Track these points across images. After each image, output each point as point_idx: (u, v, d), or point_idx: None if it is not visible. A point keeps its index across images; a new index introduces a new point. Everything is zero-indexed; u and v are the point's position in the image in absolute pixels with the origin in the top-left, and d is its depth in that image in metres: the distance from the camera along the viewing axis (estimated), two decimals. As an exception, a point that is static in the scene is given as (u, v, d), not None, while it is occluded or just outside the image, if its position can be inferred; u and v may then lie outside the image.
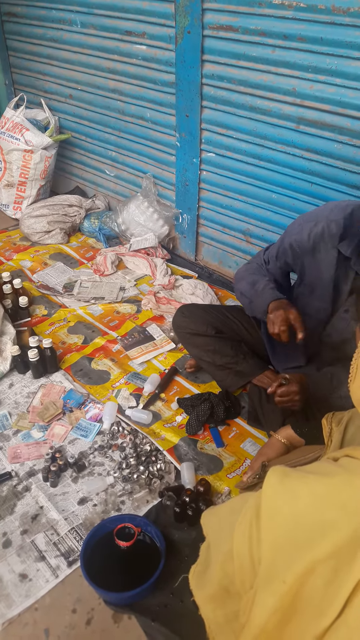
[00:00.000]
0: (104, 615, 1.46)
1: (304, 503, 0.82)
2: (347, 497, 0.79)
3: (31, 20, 3.45)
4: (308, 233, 1.70)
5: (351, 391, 0.97)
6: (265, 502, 0.87)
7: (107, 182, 3.61)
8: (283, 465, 0.93)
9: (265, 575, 0.85)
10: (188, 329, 2.12)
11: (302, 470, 0.89)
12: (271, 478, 0.88)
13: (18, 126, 3.32)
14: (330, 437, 1.39)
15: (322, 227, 1.67)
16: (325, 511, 0.79)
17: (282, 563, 0.82)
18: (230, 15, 2.28)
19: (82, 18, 3.08)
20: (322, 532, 0.78)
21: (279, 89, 2.26)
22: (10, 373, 2.28)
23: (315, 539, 0.78)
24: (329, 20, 1.96)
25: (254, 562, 0.89)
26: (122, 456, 1.89)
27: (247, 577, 0.91)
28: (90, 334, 2.55)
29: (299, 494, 0.83)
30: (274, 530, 0.84)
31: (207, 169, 2.80)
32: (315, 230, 1.68)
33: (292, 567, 0.80)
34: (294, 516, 0.82)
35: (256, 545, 0.88)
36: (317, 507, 0.81)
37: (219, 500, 1.75)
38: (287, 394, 1.71)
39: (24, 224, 3.33)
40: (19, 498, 1.76)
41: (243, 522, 0.93)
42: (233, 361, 2.06)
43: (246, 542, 0.90)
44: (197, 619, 1.09)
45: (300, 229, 1.73)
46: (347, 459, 0.91)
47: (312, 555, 0.78)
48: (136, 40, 2.81)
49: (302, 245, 1.73)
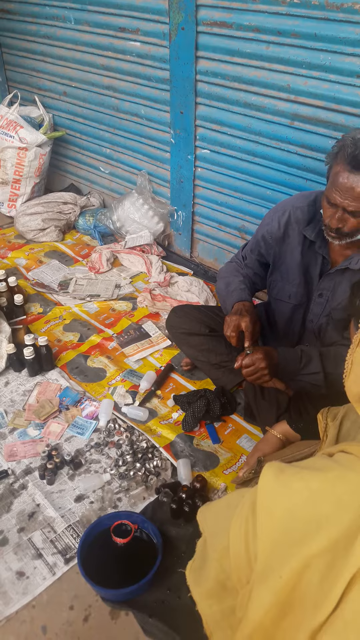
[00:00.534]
0: (102, 611, 1.46)
1: (299, 498, 0.82)
2: (341, 491, 0.79)
3: (25, 16, 3.43)
4: (278, 222, 1.80)
5: (346, 387, 0.97)
6: (261, 498, 0.88)
7: (101, 179, 3.60)
8: (278, 461, 0.93)
9: (262, 571, 0.85)
10: (182, 329, 2.12)
11: (297, 466, 0.89)
12: (267, 474, 0.89)
13: (12, 124, 3.31)
14: (326, 432, 1.39)
15: (289, 213, 1.77)
16: (320, 506, 0.80)
17: (278, 558, 0.82)
18: (224, 12, 2.28)
19: (75, 14, 3.06)
20: (317, 527, 0.78)
21: (273, 85, 2.26)
22: (6, 371, 2.27)
23: (311, 534, 0.79)
24: (323, 16, 1.96)
25: (250, 557, 0.89)
26: (118, 453, 1.89)
27: (244, 573, 0.91)
28: (86, 331, 2.54)
29: (294, 490, 0.84)
30: (270, 526, 0.85)
31: (202, 166, 2.79)
32: (284, 219, 1.78)
33: (289, 562, 0.80)
34: (289, 511, 0.83)
35: (252, 541, 0.89)
36: (312, 502, 0.81)
37: (215, 496, 1.75)
38: (252, 362, 1.65)
39: (19, 221, 3.32)
40: (16, 496, 1.76)
41: (239, 517, 0.93)
42: (228, 359, 2.06)
43: (242, 537, 0.90)
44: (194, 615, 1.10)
45: (271, 220, 1.83)
46: (341, 454, 0.91)
47: (307, 550, 0.78)
48: (130, 37, 2.80)
49: (273, 234, 1.82)
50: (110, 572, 1.49)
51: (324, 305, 1.82)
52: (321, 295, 1.81)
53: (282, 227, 1.79)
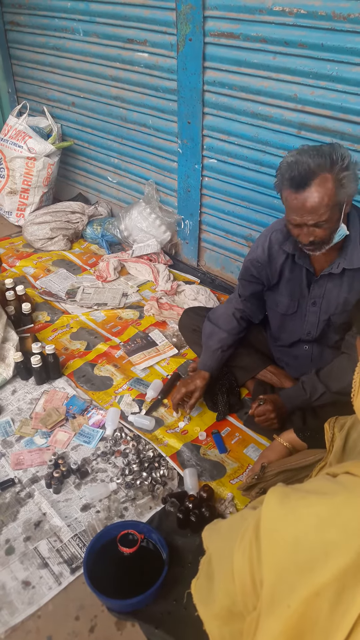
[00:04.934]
0: (107, 622, 1.45)
1: (305, 524, 0.81)
2: (348, 518, 0.78)
3: (34, 28, 3.48)
4: (262, 247, 1.88)
5: (355, 407, 0.96)
6: (265, 524, 0.86)
7: (109, 188, 3.62)
8: (282, 485, 0.92)
9: (269, 599, 0.83)
10: (193, 326, 2.25)
11: (301, 490, 0.88)
12: (271, 499, 0.87)
13: (21, 134, 3.34)
14: (332, 443, 1.38)
15: (269, 238, 1.86)
16: (326, 532, 0.78)
17: (285, 586, 0.80)
18: (232, 23, 2.29)
19: (84, 26, 3.10)
20: (324, 555, 0.77)
21: (280, 95, 2.27)
22: (13, 379, 2.28)
23: (319, 562, 0.77)
24: (330, 26, 1.97)
25: (256, 583, 0.88)
26: (125, 462, 1.89)
27: (250, 598, 0.90)
28: (93, 340, 2.55)
29: (300, 516, 0.82)
30: (275, 552, 0.83)
31: (209, 175, 2.80)
32: (266, 243, 1.86)
33: (297, 591, 0.78)
34: (294, 538, 0.81)
35: (257, 566, 0.87)
36: (318, 528, 0.79)
37: (222, 506, 1.74)
38: (263, 412, 1.87)
39: (27, 230, 3.34)
40: (22, 505, 1.75)
41: (242, 542, 0.91)
42: (237, 357, 2.15)
43: (246, 562, 0.89)
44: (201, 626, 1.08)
45: (256, 247, 1.92)
46: (346, 476, 0.89)
47: (316, 579, 0.76)
48: (138, 48, 2.83)
49: (260, 258, 1.89)
50: (117, 582, 1.48)
51: (318, 313, 1.88)
52: (314, 303, 1.87)
53: (266, 250, 1.86)
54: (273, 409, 1.86)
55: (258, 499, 1.35)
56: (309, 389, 1.85)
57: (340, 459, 1.34)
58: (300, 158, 1.52)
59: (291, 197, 1.56)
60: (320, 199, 1.51)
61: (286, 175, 1.55)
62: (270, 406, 1.87)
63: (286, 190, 1.57)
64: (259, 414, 1.88)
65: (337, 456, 1.34)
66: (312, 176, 1.50)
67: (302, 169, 1.51)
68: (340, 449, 1.34)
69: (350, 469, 0.89)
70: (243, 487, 1.64)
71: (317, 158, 1.51)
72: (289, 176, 1.54)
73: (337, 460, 1.34)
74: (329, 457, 1.37)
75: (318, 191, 1.51)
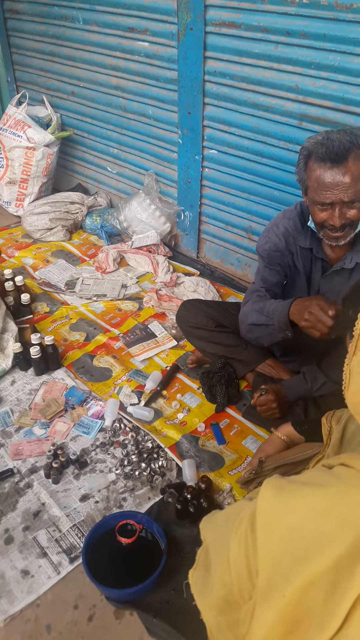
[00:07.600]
0: (106, 611, 1.46)
1: (300, 515, 0.81)
2: (343, 509, 0.78)
3: (33, 17, 3.44)
4: (275, 235, 1.82)
5: (346, 398, 0.96)
6: (261, 515, 0.87)
7: (109, 179, 3.60)
8: (277, 476, 0.92)
9: (264, 589, 0.84)
10: (190, 323, 2.19)
11: (296, 482, 0.88)
12: (266, 490, 0.88)
13: (20, 123, 3.32)
14: (330, 436, 1.38)
15: (284, 225, 1.81)
16: (321, 524, 0.79)
17: (280, 576, 0.81)
18: (233, 12, 2.27)
19: (84, 15, 3.07)
20: (319, 545, 0.77)
21: (281, 86, 2.25)
22: (12, 370, 2.28)
23: (314, 552, 0.78)
24: (332, 16, 1.96)
25: (251, 573, 0.88)
26: (123, 453, 1.90)
27: (245, 588, 0.91)
28: (92, 331, 2.55)
29: (295, 507, 0.83)
30: (270, 543, 0.84)
31: (209, 166, 2.79)
32: (280, 230, 1.81)
33: (292, 581, 0.79)
34: (290, 529, 0.82)
35: (252, 556, 0.88)
36: (313, 519, 0.80)
37: (220, 497, 1.75)
38: (265, 402, 1.89)
39: (26, 221, 3.33)
40: (21, 495, 1.76)
41: (238, 532, 0.92)
42: (235, 351, 2.14)
43: (242, 553, 0.90)
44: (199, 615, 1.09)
45: (268, 237, 1.84)
46: (342, 467, 0.89)
47: (311, 569, 0.77)
48: (138, 37, 2.80)
49: (277, 246, 1.83)
50: (115, 572, 1.49)
51: None
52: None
53: (282, 237, 1.82)
54: (275, 398, 1.88)
55: (255, 490, 1.35)
56: (310, 379, 1.86)
57: (338, 451, 1.34)
58: (331, 136, 1.51)
59: (326, 174, 1.51)
60: (359, 172, 1.49)
61: (319, 152, 1.51)
62: (272, 396, 1.88)
63: (318, 168, 1.52)
64: (261, 403, 1.89)
65: (334, 449, 1.35)
66: (350, 149, 1.48)
67: (337, 144, 1.48)
68: (338, 442, 1.34)
69: (346, 460, 0.90)
70: (241, 482, 1.66)
71: (348, 135, 1.50)
72: (323, 152, 1.50)
73: (335, 453, 1.34)
74: (326, 450, 1.37)
75: (355, 165, 1.49)
